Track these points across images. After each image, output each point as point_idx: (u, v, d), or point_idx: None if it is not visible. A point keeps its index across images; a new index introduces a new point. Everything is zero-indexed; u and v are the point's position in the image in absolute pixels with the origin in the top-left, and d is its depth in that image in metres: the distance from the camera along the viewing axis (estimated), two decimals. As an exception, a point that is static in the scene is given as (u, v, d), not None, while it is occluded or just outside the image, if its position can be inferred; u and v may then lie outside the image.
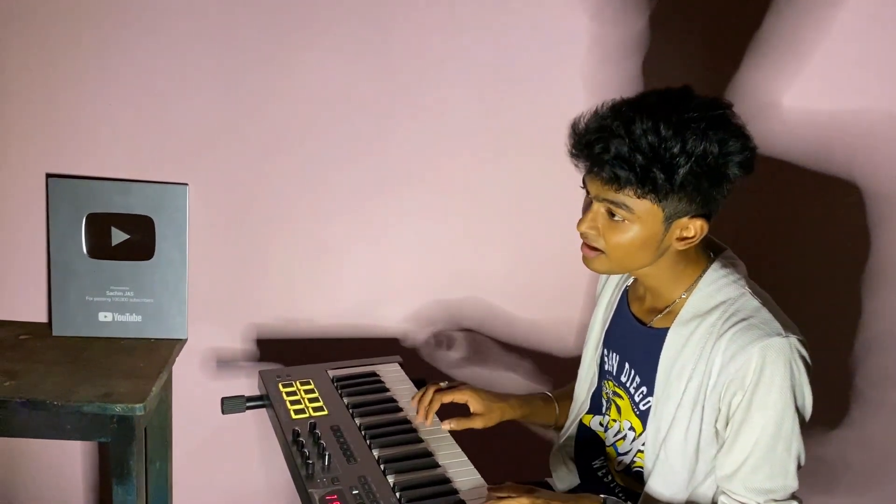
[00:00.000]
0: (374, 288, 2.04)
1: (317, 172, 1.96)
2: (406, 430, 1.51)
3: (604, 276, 1.63)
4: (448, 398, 1.57)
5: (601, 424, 1.59)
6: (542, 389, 1.77)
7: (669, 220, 1.30)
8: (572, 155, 1.34)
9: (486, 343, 2.09)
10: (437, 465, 1.41)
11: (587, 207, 1.36)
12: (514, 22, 1.88)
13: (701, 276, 1.39)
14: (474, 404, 1.57)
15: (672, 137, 1.23)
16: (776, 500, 1.32)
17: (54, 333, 1.90)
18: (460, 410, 1.57)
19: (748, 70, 1.92)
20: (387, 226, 2.00)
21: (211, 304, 1.98)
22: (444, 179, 1.98)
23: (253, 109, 1.90)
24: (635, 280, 1.51)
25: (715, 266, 1.40)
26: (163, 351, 1.86)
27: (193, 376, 2.02)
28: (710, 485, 1.39)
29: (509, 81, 1.91)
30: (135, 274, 1.89)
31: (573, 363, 1.99)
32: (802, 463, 1.33)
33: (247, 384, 2.00)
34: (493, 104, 1.92)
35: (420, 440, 1.48)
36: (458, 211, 2.01)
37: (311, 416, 1.52)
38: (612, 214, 1.32)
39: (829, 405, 2.14)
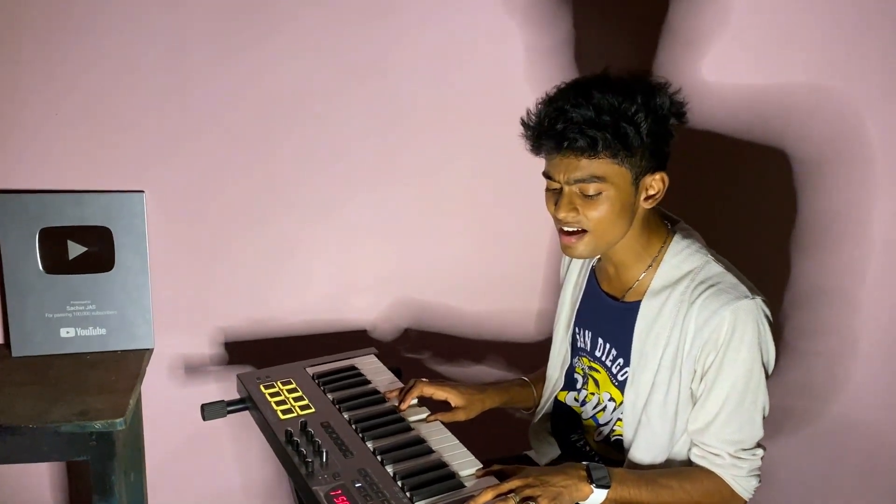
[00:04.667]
0: (339, 282, 2.04)
1: (274, 171, 1.94)
2: (395, 420, 1.53)
3: (566, 261, 1.69)
4: (429, 391, 1.59)
5: (576, 399, 1.65)
6: (514, 375, 1.81)
7: (637, 179, 1.38)
8: (534, 144, 1.39)
9: (450, 334, 2.12)
10: (431, 451, 1.43)
11: (557, 196, 1.40)
12: (460, 21, 1.91)
13: (664, 248, 1.46)
14: (455, 399, 1.60)
15: (627, 99, 1.33)
16: (745, 449, 1.41)
17: (14, 354, 1.84)
18: (443, 407, 1.60)
19: (675, 53, 1.98)
20: (347, 221, 2.00)
21: (176, 311, 1.95)
22: (403, 175, 1.99)
23: (207, 111, 1.87)
24: (601, 260, 1.57)
25: (677, 238, 1.47)
26: (131, 362, 1.83)
27: (161, 385, 1.99)
28: (685, 442, 1.46)
29: (461, 76, 1.94)
30: (95, 286, 1.85)
31: (536, 348, 2.04)
32: (766, 414, 1.42)
33: (217, 389, 1.99)
34: (449, 98, 1.95)
35: (411, 428, 1.51)
36: (417, 205, 2.02)
37: (299, 415, 1.52)
38: (584, 194, 1.37)
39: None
